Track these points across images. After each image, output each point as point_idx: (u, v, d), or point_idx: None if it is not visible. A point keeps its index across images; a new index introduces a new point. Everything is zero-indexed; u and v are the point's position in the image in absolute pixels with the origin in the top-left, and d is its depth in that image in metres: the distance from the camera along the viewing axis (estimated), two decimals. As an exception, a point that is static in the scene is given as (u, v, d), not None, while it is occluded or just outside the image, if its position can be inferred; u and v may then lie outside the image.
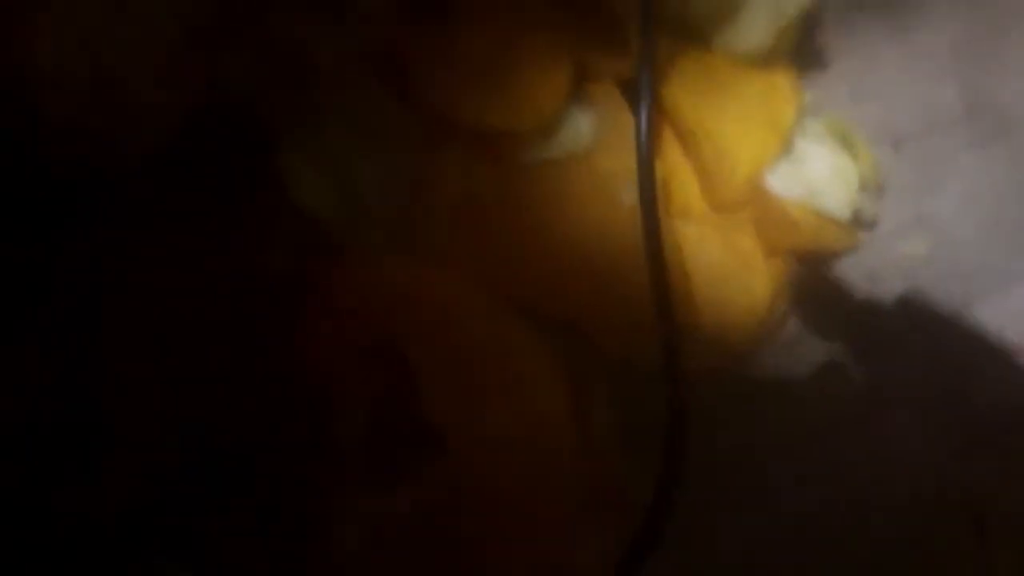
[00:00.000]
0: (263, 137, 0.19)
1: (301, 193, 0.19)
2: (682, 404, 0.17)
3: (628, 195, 0.19)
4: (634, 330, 0.19)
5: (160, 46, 0.19)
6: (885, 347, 0.20)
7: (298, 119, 0.19)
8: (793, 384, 0.20)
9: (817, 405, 0.19)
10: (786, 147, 0.20)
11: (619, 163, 0.19)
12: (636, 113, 0.18)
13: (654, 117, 0.19)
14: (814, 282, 0.20)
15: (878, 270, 0.20)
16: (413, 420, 0.17)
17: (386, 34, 0.19)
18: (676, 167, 0.20)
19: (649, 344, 0.18)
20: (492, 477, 0.17)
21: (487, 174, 0.19)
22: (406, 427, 0.18)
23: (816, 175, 0.20)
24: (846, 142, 0.21)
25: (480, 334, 0.18)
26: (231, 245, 0.18)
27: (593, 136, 0.19)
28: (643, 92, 0.19)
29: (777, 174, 0.20)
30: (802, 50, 0.22)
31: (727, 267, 0.19)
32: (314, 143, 0.19)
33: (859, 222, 0.20)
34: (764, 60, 0.20)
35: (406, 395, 0.17)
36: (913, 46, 0.23)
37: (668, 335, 0.18)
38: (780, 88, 0.20)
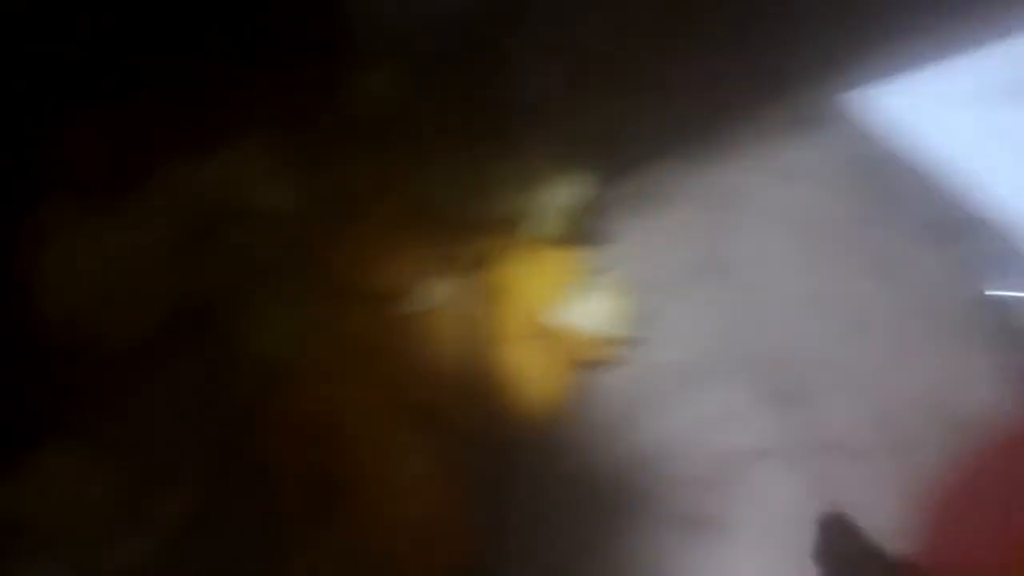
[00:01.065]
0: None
1: (257, 346, 0.30)
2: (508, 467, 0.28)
3: (471, 331, 0.30)
4: (477, 414, 0.29)
5: (144, 268, 0.30)
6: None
7: (249, 300, 0.30)
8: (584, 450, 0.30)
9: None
10: (574, 294, 0.31)
11: (464, 311, 0.31)
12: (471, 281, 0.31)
13: (484, 282, 0.31)
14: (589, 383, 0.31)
15: (639, 375, 0.31)
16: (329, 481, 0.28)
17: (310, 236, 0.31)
18: (500, 311, 0.31)
19: (486, 421, 0.29)
20: (382, 521, 0.28)
21: (378, 322, 0.30)
22: (324, 484, 0.28)
23: (594, 311, 0.31)
24: (618, 289, 0.32)
25: (371, 431, 0.29)
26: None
27: (447, 295, 0.31)
28: (474, 267, 0.31)
29: (569, 312, 0.31)
30: (593, 229, 0.34)
31: (535, 369, 0.30)
32: (262, 312, 0.30)
33: (620, 343, 0.31)
34: (561, 239, 0.32)
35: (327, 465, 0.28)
36: (665, 221, 0.35)
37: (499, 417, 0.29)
38: (568, 258, 0.32)
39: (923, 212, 0.34)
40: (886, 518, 0.26)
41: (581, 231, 0.34)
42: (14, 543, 0.27)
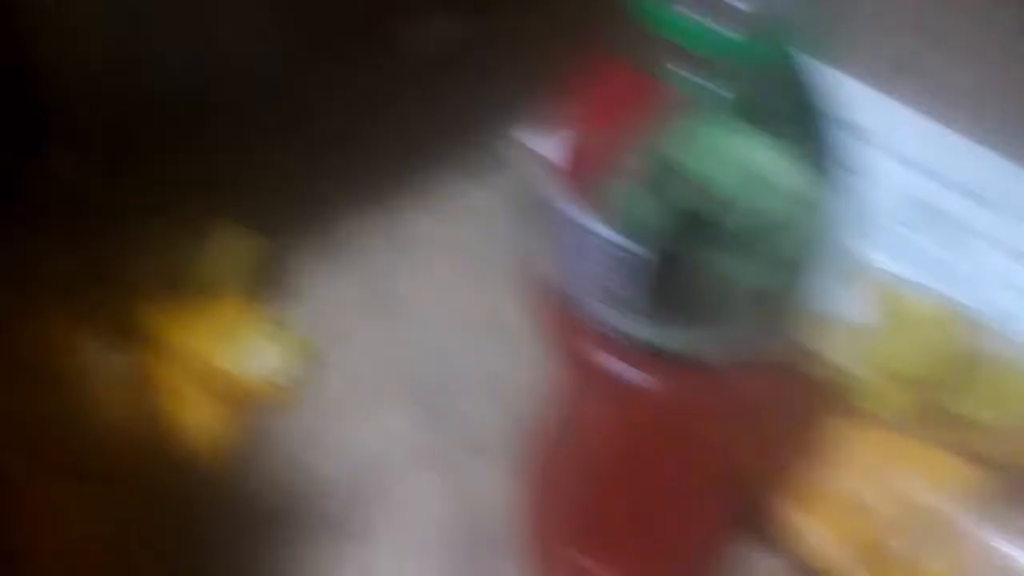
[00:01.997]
0: None
1: None
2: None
3: (141, 389, 0.33)
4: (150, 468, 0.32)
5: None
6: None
7: None
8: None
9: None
10: (245, 344, 0.35)
11: (134, 370, 0.33)
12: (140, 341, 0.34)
13: (154, 341, 0.34)
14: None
15: (305, 412, 0.35)
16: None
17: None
18: (170, 366, 0.34)
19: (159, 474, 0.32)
20: None
21: (49, 390, 0.32)
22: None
23: (264, 358, 0.35)
24: (289, 335, 0.36)
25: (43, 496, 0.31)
26: None
27: (116, 358, 0.33)
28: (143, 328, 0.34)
29: (239, 360, 0.34)
30: (268, 280, 0.37)
31: (204, 418, 0.33)
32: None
33: (284, 381, 0.35)
34: (234, 292, 0.36)
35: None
36: (341, 267, 0.39)
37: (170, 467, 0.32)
38: (237, 309, 0.35)
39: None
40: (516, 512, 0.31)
41: (255, 283, 0.37)
42: None
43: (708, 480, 0.25)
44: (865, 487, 0.30)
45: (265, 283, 0.37)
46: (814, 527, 0.29)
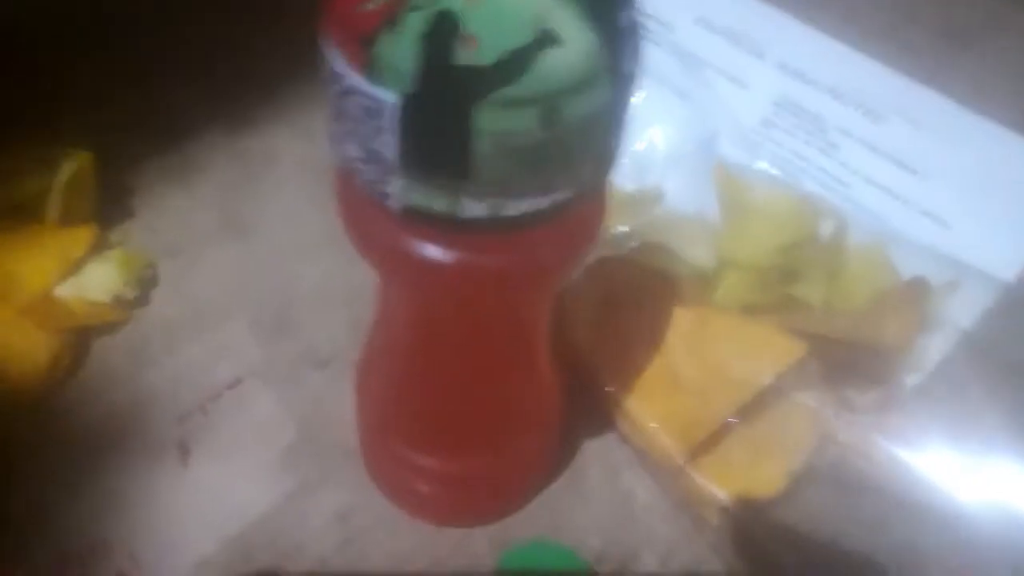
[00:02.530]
0: None
1: None
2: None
3: None
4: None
5: None
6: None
7: None
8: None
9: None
10: (72, 270, 0.33)
11: None
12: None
13: None
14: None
15: (139, 332, 0.34)
16: None
17: None
18: None
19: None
20: None
21: None
22: None
23: (97, 281, 0.33)
24: (126, 258, 0.34)
25: None
26: None
27: None
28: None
29: (70, 285, 0.33)
30: (109, 206, 0.36)
31: (16, 346, 0.32)
32: None
33: (124, 304, 0.34)
34: (68, 217, 0.34)
35: None
36: (188, 190, 0.38)
37: None
38: (74, 235, 0.34)
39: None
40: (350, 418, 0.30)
41: (88, 209, 0.35)
42: None
43: (525, 355, 0.25)
44: (703, 371, 0.30)
45: (104, 205, 0.36)
46: (651, 413, 0.30)
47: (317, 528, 0.30)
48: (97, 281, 0.34)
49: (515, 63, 0.17)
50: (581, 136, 0.19)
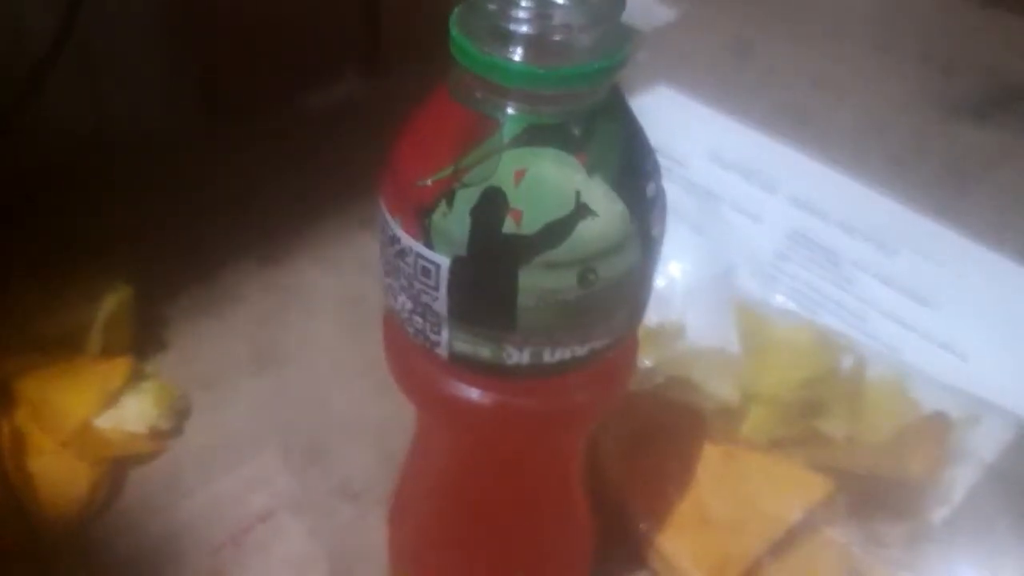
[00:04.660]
0: None
1: None
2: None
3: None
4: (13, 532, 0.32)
5: None
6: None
7: None
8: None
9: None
10: (111, 402, 0.35)
11: None
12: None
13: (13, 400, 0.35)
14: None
15: (173, 463, 0.36)
16: None
17: None
18: (32, 427, 0.35)
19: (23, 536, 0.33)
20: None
21: None
22: None
23: (132, 414, 0.36)
24: (160, 390, 0.37)
25: None
26: None
27: None
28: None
29: (106, 417, 0.35)
30: (141, 337, 0.39)
31: (57, 476, 0.34)
32: None
33: (159, 435, 0.36)
34: (104, 350, 0.37)
35: None
36: (220, 323, 0.41)
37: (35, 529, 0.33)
38: (113, 367, 0.36)
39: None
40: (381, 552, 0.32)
41: (126, 341, 0.38)
42: None
43: (558, 491, 0.27)
44: (733, 508, 0.32)
45: (140, 337, 0.39)
46: (683, 550, 0.31)
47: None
48: (134, 412, 0.36)
49: (555, 232, 0.20)
50: (615, 292, 0.21)
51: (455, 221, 0.20)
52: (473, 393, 0.22)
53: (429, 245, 0.20)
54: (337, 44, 0.56)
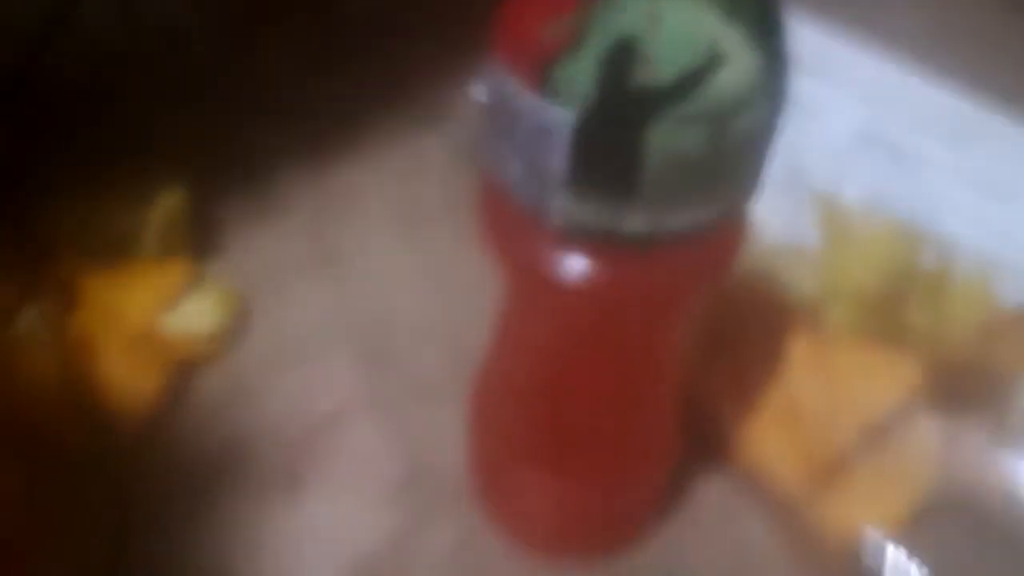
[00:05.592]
0: None
1: None
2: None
3: (67, 349, 0.33)
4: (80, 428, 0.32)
5: None
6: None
7: None
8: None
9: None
10: (172, 304, 0.35)
11: (60, 331, 0.34)
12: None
13: (80, 300, 0.34)
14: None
15: (239, 364, 0.36)
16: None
17: None
18: (97, 327, 0.34)
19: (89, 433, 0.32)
20: None
21: None
22: None
23: (195, 315, 0.35)
24: (222, 292, 0.36)
25: None
26: None
27: (42, 317, 0.33)
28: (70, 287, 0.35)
29: (169, 319, 0.35)
30: (200, 240, 0.38)
31: (123, 378, 0.34)
32: None
33: (221, 338, 0.36)
34: (164, 252, 0.36)
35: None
36: (277, 226, 0.40)
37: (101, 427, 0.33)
38: (172, 269, 0.36)
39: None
40: (461, 453, 0.32)
41: (186, 240, 0.37)
42: None
43: (653, 382, 0.27)
44: (823, 400, 0.31)
45: (197, 240, 0.38)
46: (771, 445, 0.31)
47: (429, 563, 0.31)
48: (195, 315, 0.35)
49: (689, 82, 0.19)
50: (741, 153, 0.20)
51: (582, 72, 0.19)
52: (585, 263, 0.22)
53: (551, 100, 0.19)
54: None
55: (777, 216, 0.38)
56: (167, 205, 0.37)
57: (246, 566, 0.30)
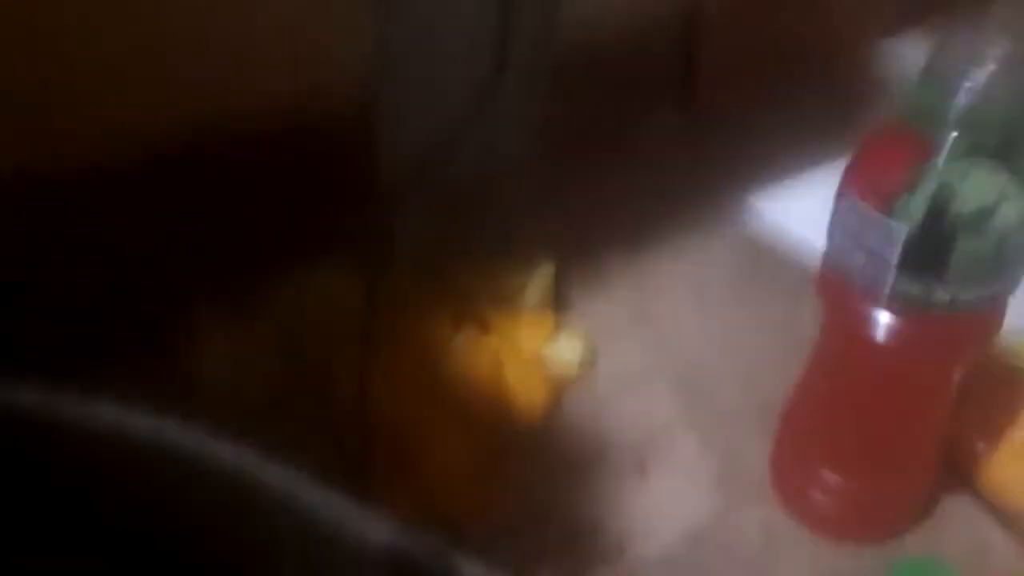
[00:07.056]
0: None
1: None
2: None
3: (493, 363, 0.48)
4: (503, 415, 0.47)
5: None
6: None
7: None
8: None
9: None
10: (548, 343, 0.51)
11: (488, 351, 0.49)
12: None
13: (496, 333, 0.50)
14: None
15: (594, 385, 0.50)
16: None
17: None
18: (507, 350, 0.50)
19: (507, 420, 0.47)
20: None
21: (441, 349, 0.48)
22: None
23: (564, 349, 0.51)
24: (576, 334, 0.51)
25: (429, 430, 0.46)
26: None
27: (476, 341, 0.49)
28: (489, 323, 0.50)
29: (548, 350, 0.50)
30: (558, 297, 0.53)
31: (525, 385, 0.48)
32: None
33: (580, 368, 0.51)
34: (540, 304, 0.52)
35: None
36: (607, 291, 0.56)
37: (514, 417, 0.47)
38: (545, 318, 0.52)
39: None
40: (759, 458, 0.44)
41: (551, 298, 0.53)
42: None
43: (929, 417, 0.39)
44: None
45: (558, 299, 0.53)
46: (1006, 470, 0.41)
47: (740, 537, 0.43)
48: (565, 350, 0.50)
49: (984, 213, 0.32)
50: (1013, 256, 0.33)
51: (915, 204, 0.32)
52: (901, 324, 0.34)
53: (892, 217, 0.33)
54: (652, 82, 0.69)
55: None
56: (542, 274, 0.53)
57: (612, 525, 0.44)
